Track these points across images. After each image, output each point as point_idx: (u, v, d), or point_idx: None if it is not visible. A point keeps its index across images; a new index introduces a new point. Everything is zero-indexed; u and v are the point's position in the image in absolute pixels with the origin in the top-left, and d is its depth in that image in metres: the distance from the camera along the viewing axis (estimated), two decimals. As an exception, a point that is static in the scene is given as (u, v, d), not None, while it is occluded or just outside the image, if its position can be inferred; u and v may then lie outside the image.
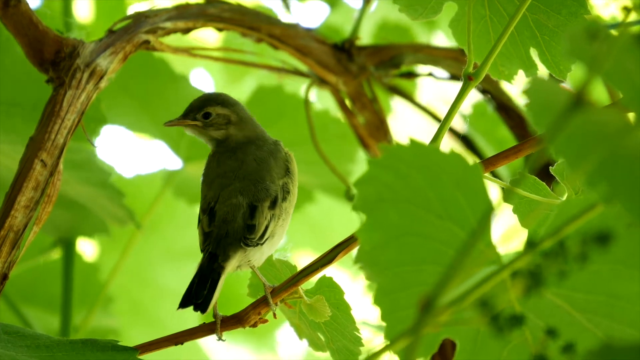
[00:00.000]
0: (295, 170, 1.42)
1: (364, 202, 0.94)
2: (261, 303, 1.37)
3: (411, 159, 0.94)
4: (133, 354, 1.29)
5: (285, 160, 1.42)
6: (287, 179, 1.40)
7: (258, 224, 1.36)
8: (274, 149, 1.44)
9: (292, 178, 1.41)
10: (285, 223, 1.40)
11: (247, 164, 1.42)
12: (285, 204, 1.39)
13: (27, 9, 1.51)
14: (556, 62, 1.39)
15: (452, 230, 0.95)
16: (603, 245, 0.83)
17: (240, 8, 1.75)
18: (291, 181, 1.40)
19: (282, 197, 1.39)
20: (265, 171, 1.40)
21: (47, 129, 1.47)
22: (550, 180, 1.33)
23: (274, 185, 1.39)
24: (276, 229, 1.38)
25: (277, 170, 1.41)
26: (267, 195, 1.38)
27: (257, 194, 1.38)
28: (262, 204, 1.37)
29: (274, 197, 1.38)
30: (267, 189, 1.38)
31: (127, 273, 2.42)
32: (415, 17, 1.41)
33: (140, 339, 1.36)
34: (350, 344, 1.37)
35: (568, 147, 0.81)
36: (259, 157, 1.42)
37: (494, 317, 0.82)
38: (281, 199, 1.39)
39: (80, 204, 1.98)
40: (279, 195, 1.38)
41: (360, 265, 0.95)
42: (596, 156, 0.80)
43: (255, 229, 1.36)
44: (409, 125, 2.72)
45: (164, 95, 2.14)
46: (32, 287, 2.20)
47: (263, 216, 1.36)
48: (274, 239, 1.38)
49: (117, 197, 1.91)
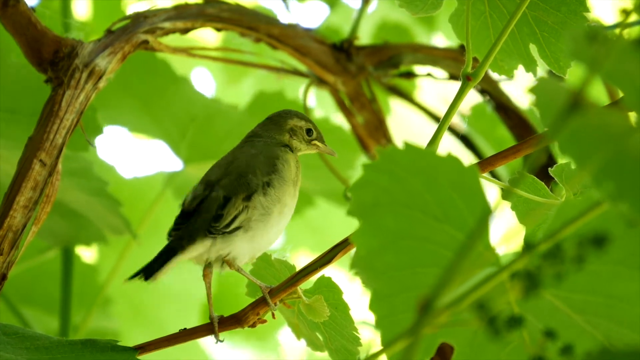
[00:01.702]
0: (285, 169, 1.43)
1: (359, 207, 0.94)
2: (260, 303, 1.37)
3: (407, 162, 0.94)
4: (132, 355, 1.29)
5: (275, 159, 1.43)
6: (273, 176, 1.41)
7: (226, 213, 1.37)
8: (272, 148, 1.45)
9: (279, 176, 1.42)
10: (266, 219, 1.39)
11: (238, 161, 1.44)
12: (265, 198, 1.39)
13: (25, 9, 1.51)
14: (556, 58, 1.39)
15: (450, 232, 0.95)
16: (600, 247, 0.83)
17: (239, 8, 1.75)
18: (278, 179, 1.41)
19: (262, 191, 1.39)
20: (252, 167, 1.41)
21: (45, 129, 1.47)
22: (549, 181, 1.33)
23: (257, 180, 1.40)
24: (253, 223, 1.38)
25: (264, 168, 1.41)
26: (246, 189, 1.39)
27: (237, 187, 1.39)
28: (237, 197, 1.38)
29: (252, 191, 1.39)
30: (248, 182, 1.39)
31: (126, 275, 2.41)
32: (416, 12, 1.41)
33: (140, 340, 1.36)
34: (348, 343, 1.37)
35: (574, 145, 0.81)
36: (250, 154, 1.45)
37: (491, 319, 0.82)
38: (261, 193, 1.39)
39: (78, 213, 1.97)
40: (259, 189, 1.39)
41: (356, 271, 0.95)
42: (602, 155, 0.80)
43: (222, 218, 1.37)
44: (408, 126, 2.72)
45: (165, 95, 2.14)
46: (31, 288, 2.20)
47: (234, 207, 1.37)
48: (250, 232, 1.38)
49: (113, 205, 1.91)
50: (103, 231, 2.02)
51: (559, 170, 1.32)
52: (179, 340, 1.39)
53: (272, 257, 1.41)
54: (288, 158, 1.44)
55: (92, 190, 1.87)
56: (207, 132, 2.16)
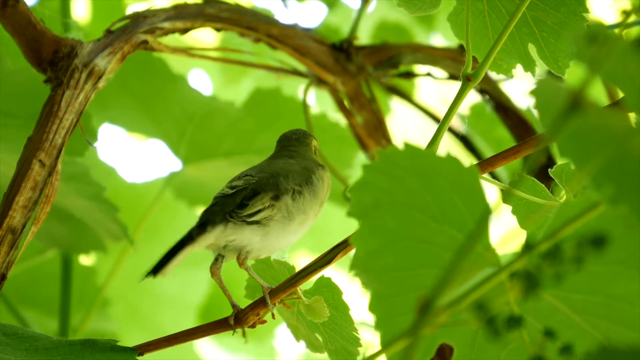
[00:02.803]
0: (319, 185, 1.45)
1: (359, 208, 0.94)
2: (259, 304, 1.37)
3: (406, 163, 0.94)
4: (132, 355, 1.29)
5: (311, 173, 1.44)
6: (306, 187, 1.43)
7: (251, 204, 1.38)
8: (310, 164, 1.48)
9: (311, 189, 1.43)
10: (287, 224, 1.40)
11: (275, 164, 1.46)
12: (292, 203, 1.40)
13: (25, 9, 1.51)
14: (555, 58, 1.39)
15: (450, 233, 0.95)
16: (599, 248, 0.83)
17: (239, 8, 1.75)
18: (309, 192, 1.43)
19: (292, 197, 1.41)
20: (285, 172, 1.43)
21: (45, 129, 1.47)
22: (548, 182, 1.33)
23: (287, 185, 1.40)
24: (273, 222, 1.39)
25: (297, 177, 1.43)
26: (275, 189, 1.40)
27: (267, 185, 1.41)
28: (265, 193, 1.39)
29: (281, 192, 1.40)
30: (278, 184, 1.40)
31: (125, 276, 2.41)
32: (414, 11, 1.41)
33: (137, 342, 1.36)
34: (348, 344, 1.37)
35: (574, 147, 0.81)
36: (287, 162, 1.47)
37: (490, 319, 0.82)
38: (290, 198, 1.40)
39: (77, 218, 1.97)
40: (287, 193, 1.40)
41: (356, 273, 0.95)
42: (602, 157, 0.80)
43: (247, 207, 1.38)
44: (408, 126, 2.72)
45: (163, 95, 2.14)
46: (30, 289, 2.20)
47: (261, 202, 1.39)
48: (265, 229, 1.39)
49: (111, 211, 1.91)
50: (101, 238, 2.02)
51: (559, 171, 1.32)
52: (178, 341, 1.39)
53: (271, 258, 1.41)
54: (324, 177, 1.46)
55: (90, 195, 1.87)
56: (206, 131, 2.15)
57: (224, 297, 1.42)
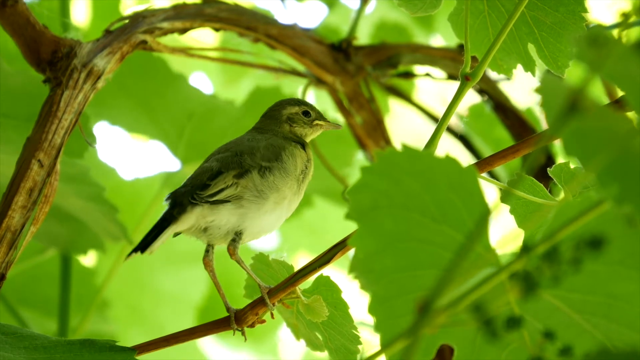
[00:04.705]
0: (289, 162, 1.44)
1: (357, 210, 0.94)
2: (259, 303, 1.37)
3: (405, 164, 0.94)
4: (131, 355, 1.29)
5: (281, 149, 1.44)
6: (275, 164, 1.43)
7: (214, 184, 1.40)
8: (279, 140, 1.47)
9: (281, 166, 1.43)
10: (261, 203, 1.41)
11: (241, 142, 1.47)
12: (261, 181, 1.41)
13: (24, 9, 1.51)
14: (554, 58, 1.40)
15: (449, 233, 0.95)
16: (596, 249, 0.83)
17: (238, 8, 1.75)
18: (280, 169, 1.43)
19: (259, 174, 1.41)
20: (250, 149, 1.44)
21: (44, 129, 1.47)
22: (547, 181, 1.33)
23: (253, 162, 1.41)
24: (244, 202, 1.40)
25: (265, 154, 1.43)
26: (238, 166, 1.41)
27: (230, 164, 1.43)
28: (228, 172, 1.41)
29: (244, 169, 1.40)
30: (241, 162, 1.42)
31: (124, 277, 2.41)
32: (414, 11, 1.41)
33: (136, 342, 1.36)
34: (348, 342, 1.37)
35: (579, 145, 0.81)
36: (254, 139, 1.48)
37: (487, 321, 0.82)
38: (258, 176, 1.41)
39: (76, 218, 1.97)
40: (252, 171, 1.40)
41: (355, 275, 0.95)
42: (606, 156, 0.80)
43: (208, 188, 1.40)
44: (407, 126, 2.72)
45: (163, 95, 2.14)
46: (29, 289, 2.20)
47: (223, 181, 1.40)
48: (241, 210, 1.40)
49: (110, 211, 1.91)
50: (100, 238, 2.02)
51: (558, 171, 1.32)
52: (178, 341, 1.39)
53: (269, 257, 1.41)
54: (295, 153, 1.46)
55: (89, 196, 1.87)
56: (205, 130, 2.15)
57: (226, 294, 1.42)
